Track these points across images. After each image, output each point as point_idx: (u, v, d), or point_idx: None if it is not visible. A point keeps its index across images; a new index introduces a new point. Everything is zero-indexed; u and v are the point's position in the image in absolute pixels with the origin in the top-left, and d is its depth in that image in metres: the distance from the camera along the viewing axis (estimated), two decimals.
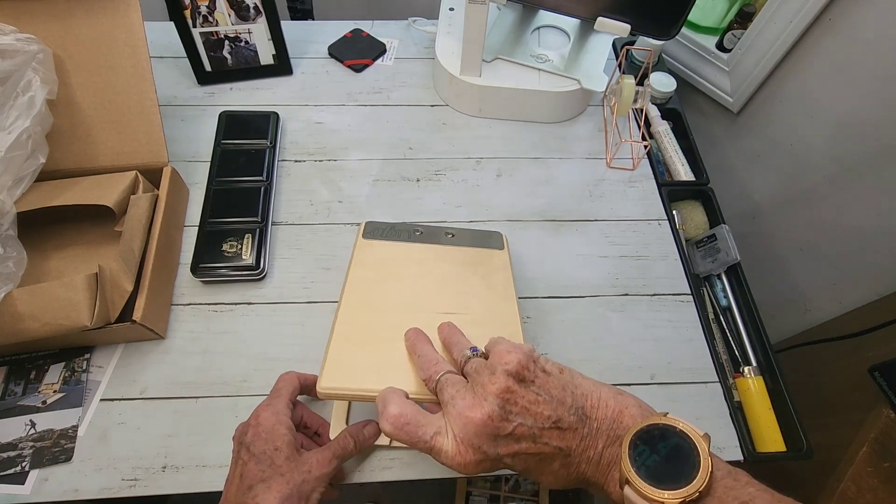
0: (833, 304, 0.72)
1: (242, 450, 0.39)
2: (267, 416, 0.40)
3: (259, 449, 0.38)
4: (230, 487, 0.38)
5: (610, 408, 0.33)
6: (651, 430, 0.30)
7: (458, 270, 0.49)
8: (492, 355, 0.35)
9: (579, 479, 0.33)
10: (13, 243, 0.45)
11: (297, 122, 0.70)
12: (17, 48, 0.48)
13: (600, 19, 0.61)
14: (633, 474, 0.29)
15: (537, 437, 0.32)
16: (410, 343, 0.40)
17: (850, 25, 0.61)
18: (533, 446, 0.32)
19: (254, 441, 0.39)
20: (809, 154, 0.71)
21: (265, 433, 0.39)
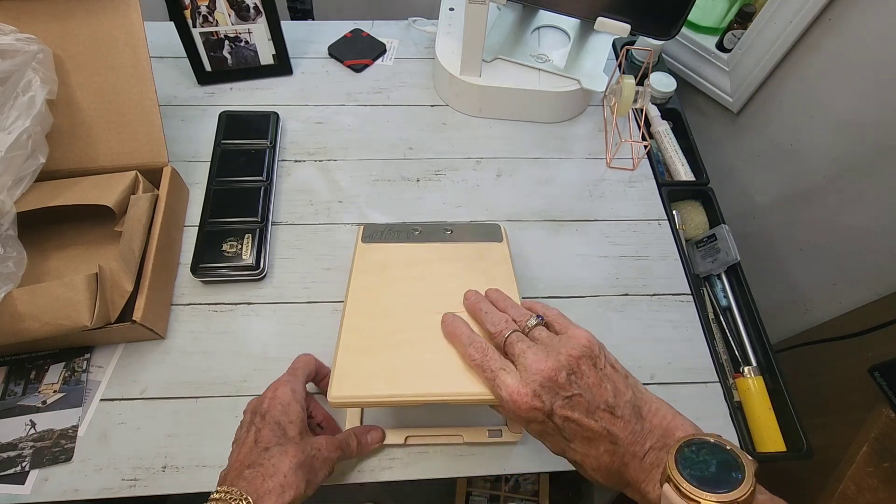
0: (833, 304, 0.72)
1: (257, 417, 0.40)
2: (284, 392, 0.42)
3: (274, 418, 0.40)
4: (241, 449, 0.39)
5: (666, 419, 0.33)
6: (702, 443, 0.30)
7: (459, 267, 0.50)
8: (567, 331, 0.37)
9: (619, 473, 0.33)
10: (13, 243, 0.45)
11: (297, 122, 0.70)
12: (17, 48, 0.48)
13: (600, 19, 0.61)
14: (676, 472, 0.29)
15: (591, 412, 0.33)
16: (472, 303, 0.42)
17: (850, 25, 0.61)
18: (585, 419, 0.33)
19: (269, 411, 0.40)
20: (809, 154, 0.71)
21: (281, 406, 0.41)
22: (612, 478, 0.34)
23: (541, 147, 0.70)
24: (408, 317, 0.44)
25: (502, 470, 0.49)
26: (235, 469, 0.38)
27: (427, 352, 0.41)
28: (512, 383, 0.34)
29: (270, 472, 0.37)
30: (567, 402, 0.33)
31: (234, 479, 0.37)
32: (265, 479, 0.36)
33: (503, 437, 0.48)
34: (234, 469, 0.38)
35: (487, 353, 0.37)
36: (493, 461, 0.49)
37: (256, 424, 0.40)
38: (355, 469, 0.48)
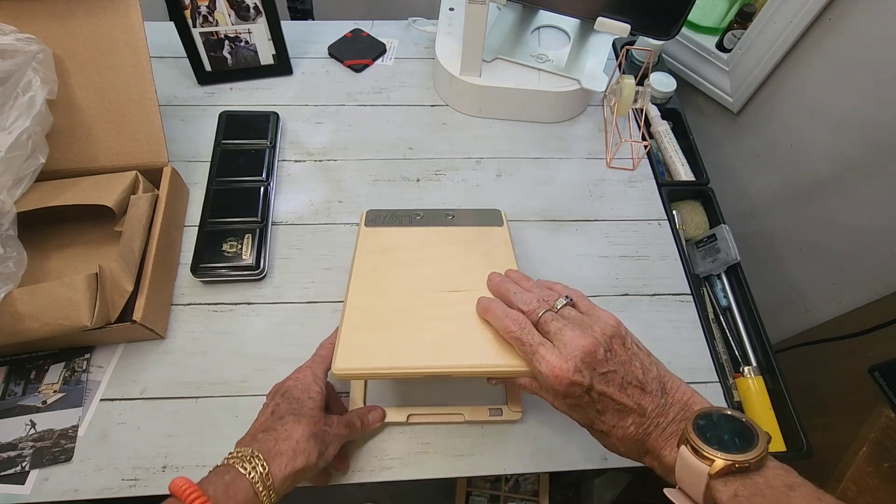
0: (833, 304, 0.72)
1: (277, 396, 0.43)
2: (306, 375, 0.45)
3: (294, 395, 0.42)
4: (259, 419, 0.41)
5: (686, 395, 0.36)
6: (719, 414, 0.32)
7: (460, 250, 0.51)
8: (594, 313, 0.39)
9: (642, 442, 0.35)
10: (13, 243, 0.45)
11: (297, 122, 0.70)
12: (17, 48, 0.48)
13: (600, 19, 0.61)
14: (693, 434, 0.31)
15: (624, 388, 0.35)
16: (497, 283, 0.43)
17: (850, 25, 0.61)
18: (618, 394, 0.34)
19: (290, 389, 0.43)
20: (809, 154, 0.71)
21: (302, 385, 0.43)
22: (634, 447, 0.35)
23: (541, 147, 0.70)
24: (411, 296, 0.45)
25: (502, 470, 0.49)
26: (250, 434, 0.40)
27: (430, 329, 0.42)
28: (553, 358, 0.35)
29: (283, 437, 0.38)
30: (603, 378, 0.35)
31: (247, 442, 0.38)
32: (277, 442, 0.38)
33: (504, 415, 0.49)
34: (249, 434, 0.40)
35: (525, 326, 0.38)
36: (493, 461, 0.49)
37: (276, 400, 0.42)
38: (355, 469, 0.48)
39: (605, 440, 0.37)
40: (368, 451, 0.49)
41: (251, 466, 0.35)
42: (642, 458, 0.36)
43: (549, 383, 0.35)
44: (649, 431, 0.34)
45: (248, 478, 0.34)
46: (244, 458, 0.35)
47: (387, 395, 0.50)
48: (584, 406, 0.36)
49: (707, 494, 0.30)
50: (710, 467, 0.29)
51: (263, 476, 0.35)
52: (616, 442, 0.36)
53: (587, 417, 0.37)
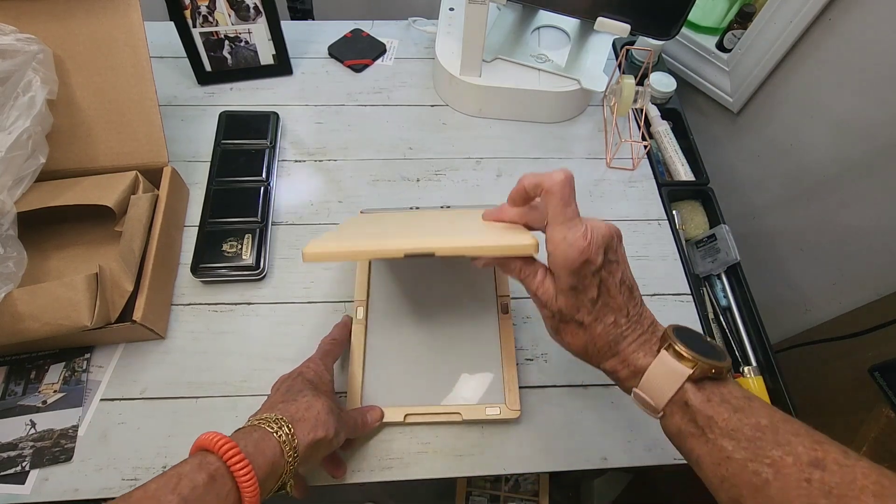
0: (833, 304, 0.72)
1: (289, 379, 0.43)
2: (317, 365, 0.45)
3: (309, 378, 0.43)
4: (272, 398, 0.41)
5: (651, 315, 0.37)
6: (690, 330, 0.34)
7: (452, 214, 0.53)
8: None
9: (614, 344, 0.35)
10: (13, 243, 0.46)
11: (297, 122, 0.70)
12: (18, 48, 0.48)
13: (600, 19, 0.61)
14: (675, 339, 0.32)
15: (620, 285, 0.35)
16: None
17: (850, 25, 0.61)
18: (614, 288, 0.35)
19: (303, 373, 0.44)
20: (809, 154, 0.71)
21: (314, 372, 0.44)
22: (604, 347, 0.36)
23: (541, 147, 0.70)
24: (397, 225, 0.46)
25: (502, 470, 0.49)
26: (266, 406, 0.40)
27: (418, 223, 0.44)
28: (583, 230, 0.34)
29: (305, 406, 0.38)
30: (609, 266, 0.35)
31: (266, 411, 0.38)
32: (299, 410, 0.38)
33: (500, 413, 0.49)
34: (265, 407, 0.40)
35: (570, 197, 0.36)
36: (493, 461, 0.49)
37: (288, 382, 0.42)
38: (355, 469, 0.48)
39: (575, 336, 0.36)
40: (368, 451, 0.49)
41: (277, 427, 0.35)
42: (605, 360, 0.36)
43: (568, 254, 0.33)
44: (625, 335, 0.35)
45: (275, 437, 0.35)
46: (269, 421, 0.36)
47: (384, 393, 0.50)
48: (582, 290, 0.34)
49: (677, 397, 0.31)
50: (691, 370, 0.31)
51: (290, 437, 0.35)
52: (587, 339, 0.36)
53: (576, 305, 0.35)
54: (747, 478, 0.28)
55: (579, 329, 0.36)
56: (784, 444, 0.27)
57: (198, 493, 0.29)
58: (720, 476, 0.29)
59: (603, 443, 0.50)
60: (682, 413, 0.31)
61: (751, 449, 0.28)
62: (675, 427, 0.32)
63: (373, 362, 0.51)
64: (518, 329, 0.56)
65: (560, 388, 0.53)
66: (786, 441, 0.28)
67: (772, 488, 0.27)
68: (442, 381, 0.50)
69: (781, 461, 0.27)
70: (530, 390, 0.53)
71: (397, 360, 0.51)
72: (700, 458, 0.30)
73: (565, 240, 0.34)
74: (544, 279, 0.36)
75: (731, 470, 0.28)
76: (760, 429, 0.28)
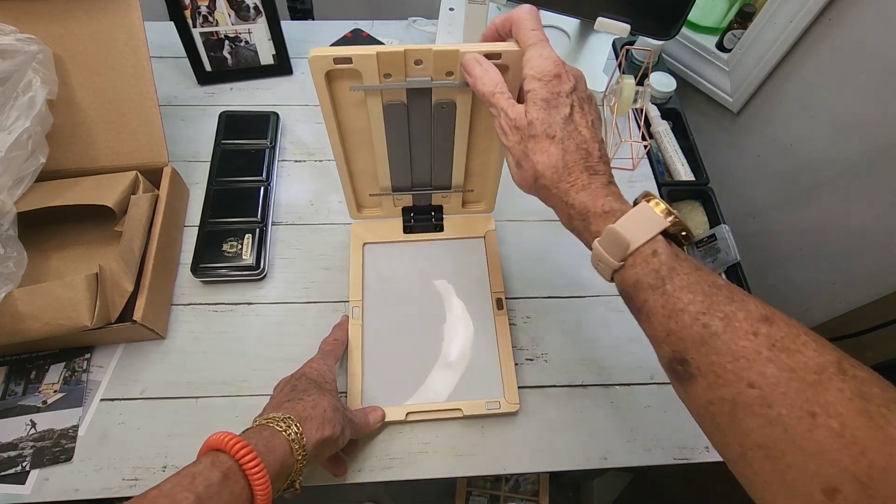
0: (833, 304, 0.72)
1: (293, 379, 0.43)
2: (320, 365, 0.46)
3: (312, 377, 0.43)
4: (276, 397, 0.41)
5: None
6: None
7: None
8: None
9: (588, 172, 0.35)
10: (13, 243, 0.46)
11: (297, 122, 0.70)
12: (18, 48, 0.48)
13: (600, 19, 0.61)
14: (653, 195, 0.33)
15: (590, 123, 0.35)
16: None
17: (850, 25, 0.61)
18: (581, 114, 0.35)
19: (306, 373, 0.44)
20: (809, 154, 0.71)
21: (317, 372, 0.44)
22: (575, 171, 0.34)
23: None
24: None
25: (502, 470, 0.49)
26: (272, 406, 0.40)
27: None
28: (554, 54, 0.35)
29: (311, 405, 0.38)
30: (580, 98, 0.35)
31: (272, 410, 0.38)
32: (306, 408, 0.38)
33: (500, 408, 0.49)
34: (271, 406, 0.40)
35: (539, 20, 0.37)
36: (493, 461, 0.49)
37: (292, 382, 0.42)
38: (355, 469, 0.48)
39: (546, 152, 0.35)
40: (368, 451, 0.49)
41: (286, 426, 0.35)
42: (577, 191, 0.34)
43: (544, 66, 0.34)
44: (597, 170, 0.35)
45: (284, 435, 0.35)
46: (277, 420, 0.36)
47: (384, 393, 0.50)
48: (554, 106, 0.34)
49: (647, 247, 0.31)
50: (669, 223, 0.31)
51: (299, 435, 0.35)
52: (560, 153, 0.34)
53: (548, 118, 0.34)
54: (696, 330, 0.28)
55: (551, 143, 0.34)
56: (738, 301, 0.28)
57: (212, 491, 0.30)
58: (668, 329, 0.29)
59: (603, 443, 0.50)
60: (645, 263, 0.31)
61: (706, 303, 0.28)
62: (634, 278, 0.31)
63: (372, 362, 0.51)
64: (518, 329, 0.56)
65: (560, 387, 0.53)
66: (739, 298, 0.28)
67: (718, 340, 0.27)
68: (441, 378, 0.51)
69: (734, 315, 0.27)
70: (530, 390, 0.53)
71: (396, 360, 0.51)
72: (652, 310, 0.30)
73: (541, 55, 0.34)
74: (515, 102, 0.36)
75: (682, 322, 0.29)
76: (717, 286, 0.29)
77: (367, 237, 0.57)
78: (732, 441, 0.27)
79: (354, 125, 0.45)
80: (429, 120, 0.44)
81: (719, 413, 0.27)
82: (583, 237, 0.35)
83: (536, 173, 0.35)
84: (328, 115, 0.43)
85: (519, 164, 0.36)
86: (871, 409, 0.23)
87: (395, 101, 0.42)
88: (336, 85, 0.41)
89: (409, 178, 0.51)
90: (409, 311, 0.54)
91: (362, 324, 0.52)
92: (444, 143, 0.47)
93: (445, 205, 0.57)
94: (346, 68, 0.39)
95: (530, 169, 0.36)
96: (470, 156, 0.50)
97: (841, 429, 0.23)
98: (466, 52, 0.37)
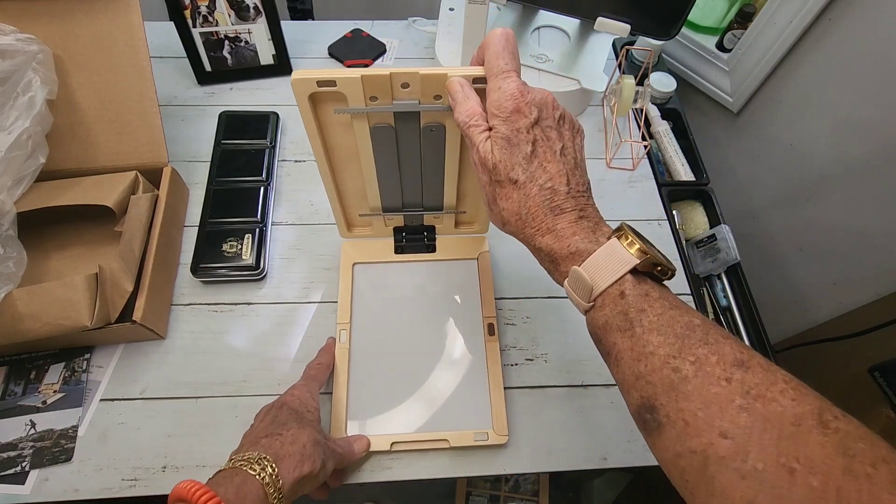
0: (833, 304, 0.72)
1: (273, 409, 0.42)
2: (303, 392, 0.45)
3: (292, 407, 0.42)
4: (257, 427, 0.41)
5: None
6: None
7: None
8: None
9: (548, 213, 0.33)
10: (13, 243, 0.46)
11: (297, 122, 0.70)
12: (18, 48, 0.48)
13: (600, 19, 0.61)
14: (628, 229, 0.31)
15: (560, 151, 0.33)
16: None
17: (850, 25, 0.61)
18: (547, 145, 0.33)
19: (287, 403, 0.43)
20: (809, 154, 0.71)
21: (299, 401, 0.44)
22: (539, 216, 0.33)
23: None
24: None
25: (502, 470, 0.49)
26: (250, 440, 0.39)
27: None
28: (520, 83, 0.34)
29: (290, 440, 0.37)
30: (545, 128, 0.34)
31: (248, 447, 0.37)
32: (284, 445, 0.37)
33: (489, 440, 0.47)
34: (249, 440, 0.39)
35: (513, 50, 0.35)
36: (493, 461, 0.49)
37: (273, 412, 0.42)
38: (356, 469, 0.48)
39: (509, 199, 0.34)
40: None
41: (260, 468, 0.34)
42: (541, 235, 0.33)
43: (501, 101, 0.33)
44: (564, 208, 0.33)
45: (258, 479, 0.33)
46: (251, 461, 0.34)
47: (369, 421, 0.48)
48: (516, 144, 0.33)
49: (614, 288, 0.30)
50: (639, 260, 0.29)
51: (274, 478, 0.34)
52: (521, 200, 0.33)
53: (511, 160, 0.33)
54: (666, 374, 0.26)
55: (514, 189, 0.33)
56: (712, 343, 0.26)
57: None
58: (637, 373, 0.28)
59: (603, 443, 0.50)
60: (613, 305, 0.29)
61: (677, 345, 0.27)
62: (603, 319, 0.30)
63: (357, 387, 0.49)
64: (518, 329, 0.56)
65: (560, 388, 0.53)
66: (714, 340, 0.26)
67: (689, 385, 0.25)
68: (428, 407, 0.49)
69: (706, 359, 0.26)
70: (530, 390, 0.53)
71: (382, 386, 0.50)
72: (620, 353, 0.29)
73: (500, 88, 0.33)
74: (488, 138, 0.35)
75: (651, 366, 0.27)
76: (692, 327, 0.27)
77: (358, 257, 0.55)
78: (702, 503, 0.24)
79: (341, 146, 0.44)
80: (418, 142, 0.43)
81: (689, 468, 0.25)
82: (554, 277, 0.34)
83: (503, 219, 0.35)
84: (313, 137, 0.41)
85: (489, 205, 0.36)
86: (856, 467, 0.21)
87: (382, 123, 0.41)
88: (321, 107, 0.40)
89: (400, 200, 0.50)
90: (397, 336, 0.52)
91: (349, 347, 0.51)
92: (435, 165, 0.46)
93: (438, 225, 0.55)
94: (330, 91, 0.37)
95: (498, 214, 0.35)
96: (462, 177, 0.48)
97: (823, 488, 0.21)
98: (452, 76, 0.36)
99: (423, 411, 0.49)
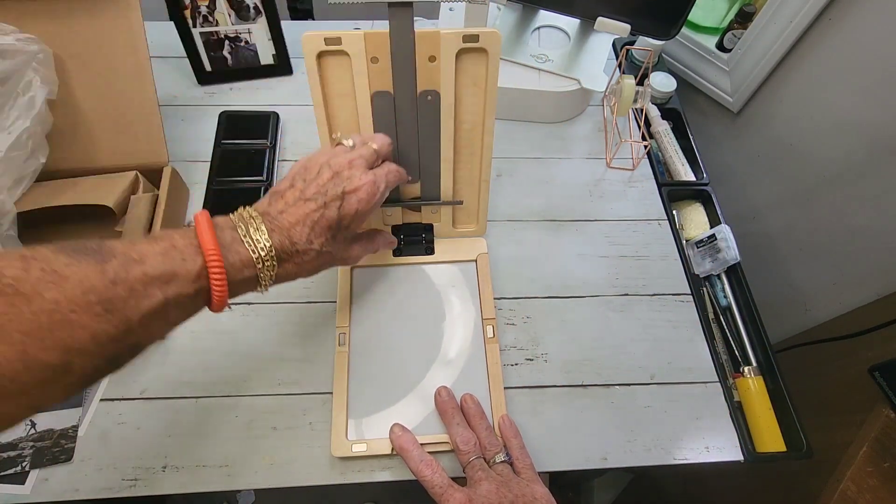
0: (833, 304, 0.72)
1: (329, 192, 0.38)
2: (371, 193, 0.39)
3: (343, 223, 0.40)
4: (295, 210, 0.39)
5: None
6: None
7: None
8: (528, 483, 0.42)
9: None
10: (13, 243, 0.46)
11: (297, 122, 0.70)
12: (18, 48, 0.48)
13: (600, 19, 0.61)
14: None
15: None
16: (443, 405, 0.47)
17: (850, 25, 0.61)
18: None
19: (344, 215, 0.39)
20: (809, 154, 0.71)
21: (358, 214, 0.40)
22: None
23: (541, 147, 0.70)
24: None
25: None
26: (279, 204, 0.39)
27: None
28: (461, 498, 0.40)
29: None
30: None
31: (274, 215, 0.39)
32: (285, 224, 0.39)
33: None
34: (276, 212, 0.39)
35: (437, 470, 0.42)
36: None
37: (328, 205, 0.38)
38: (355, 469, 0.48)
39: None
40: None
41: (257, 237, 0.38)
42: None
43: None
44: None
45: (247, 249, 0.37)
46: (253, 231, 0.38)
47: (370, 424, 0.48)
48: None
49: None
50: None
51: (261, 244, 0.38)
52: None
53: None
54: None
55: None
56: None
57: (181, 301, 0.34)
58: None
59: (603, 443, 0.50)
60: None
61: None
62: None
63: (357, 390, 0.49)
64: (518, 329, 0.56)
65: (560, 388, 0.53)
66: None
67: None
68: (429, 407, 0.49)
69: None
70: (530, 390, 0.53)
71: (383, 388, 0.50)
72: None
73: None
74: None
75: None
76: None
77: None
78: None
79: (343, 116, 0.47)
80: (415, 112, 0.46)
81: None
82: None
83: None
84: (318, 104, 0.46)
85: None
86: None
87: (382, 90, 0.45)
88: (327, 74, 0.44)
89: (398, 188, 0.52)
90: (397, 338, 0.52)
91: (349, 351, 0.51)
92: (431, 139, 0.49)
93: (436, 223, 0.56)
94: (336, 50, 0.42)
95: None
96: (457, 159, 0.51)
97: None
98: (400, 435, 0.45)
99: (423, 412, 0.49)
